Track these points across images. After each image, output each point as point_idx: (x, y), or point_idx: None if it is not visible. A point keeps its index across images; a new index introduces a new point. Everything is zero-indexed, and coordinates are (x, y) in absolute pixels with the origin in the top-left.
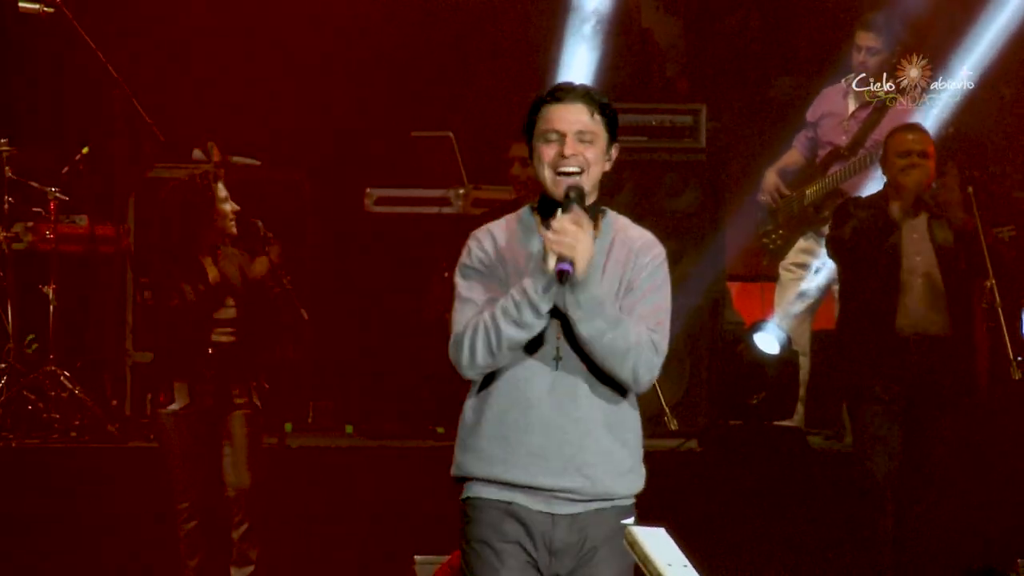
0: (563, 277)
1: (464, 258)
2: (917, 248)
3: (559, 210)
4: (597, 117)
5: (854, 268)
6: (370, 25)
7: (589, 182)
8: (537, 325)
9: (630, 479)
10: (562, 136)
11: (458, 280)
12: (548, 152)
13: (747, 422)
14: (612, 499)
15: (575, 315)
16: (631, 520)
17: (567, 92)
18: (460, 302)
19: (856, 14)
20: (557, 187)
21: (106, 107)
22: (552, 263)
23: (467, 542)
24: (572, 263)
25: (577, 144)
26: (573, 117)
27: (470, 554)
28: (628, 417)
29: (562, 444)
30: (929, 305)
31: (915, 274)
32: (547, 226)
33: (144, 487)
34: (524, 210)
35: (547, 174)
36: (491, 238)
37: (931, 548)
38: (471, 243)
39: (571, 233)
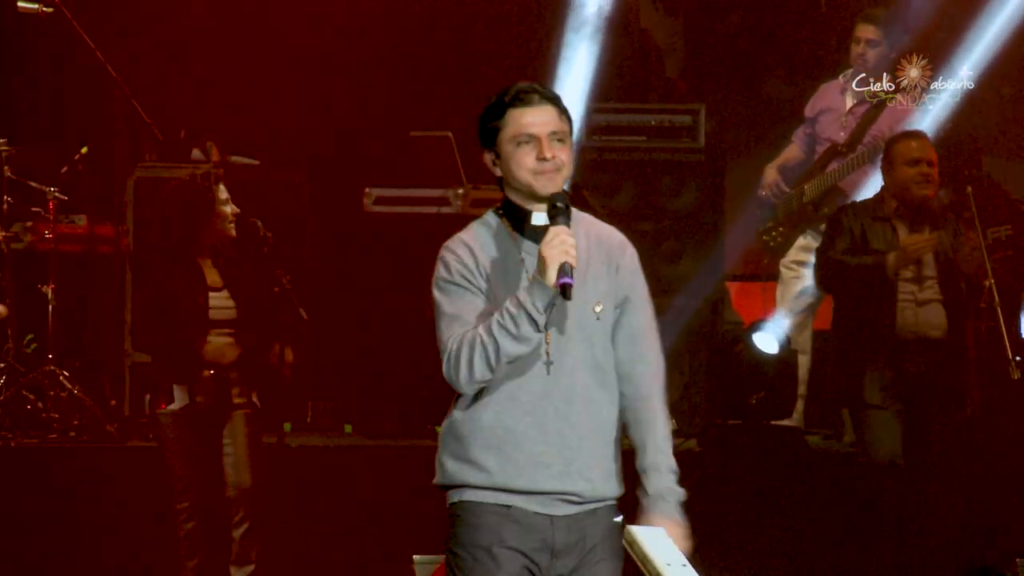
0: (565, 290)
1: (442, 272)
2: None
3: (534, 215)
4: (564, 117)
5: (846, 283)
6: (370, 25)
7: (563, 181)
8: (536, 338)
9: (618, 481)
10: (537, 139)
11: (438, 296)
12: (526, 157)
13: (746, 422)
14: (605, 500)
15: None
16: (620, 518)
17: (531, 94)
18: (446, 319)
19: (855, 13)
20: (542, 187)
21: (106, 107)
22: (553, 276)
23: (462, 547)
24: (572, 273)
25: (552, 146)
26: (544, 119)
27: (465, 559)
28: (615, 420)
29: (561, 449)
30: (927, 308)
31: (913, 277)
32: (522, 231)
33: (144, 487)
34: (489, 216)
35: (527, 177)
36: (467, 249)
37: (931, 548)
38: (447, 256)
39: (569, 244)
